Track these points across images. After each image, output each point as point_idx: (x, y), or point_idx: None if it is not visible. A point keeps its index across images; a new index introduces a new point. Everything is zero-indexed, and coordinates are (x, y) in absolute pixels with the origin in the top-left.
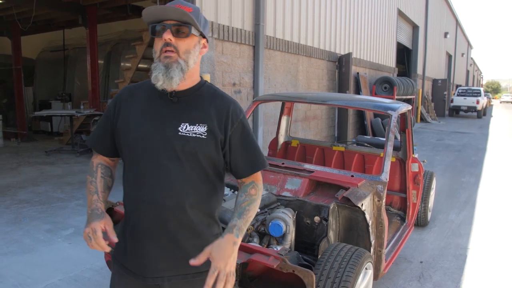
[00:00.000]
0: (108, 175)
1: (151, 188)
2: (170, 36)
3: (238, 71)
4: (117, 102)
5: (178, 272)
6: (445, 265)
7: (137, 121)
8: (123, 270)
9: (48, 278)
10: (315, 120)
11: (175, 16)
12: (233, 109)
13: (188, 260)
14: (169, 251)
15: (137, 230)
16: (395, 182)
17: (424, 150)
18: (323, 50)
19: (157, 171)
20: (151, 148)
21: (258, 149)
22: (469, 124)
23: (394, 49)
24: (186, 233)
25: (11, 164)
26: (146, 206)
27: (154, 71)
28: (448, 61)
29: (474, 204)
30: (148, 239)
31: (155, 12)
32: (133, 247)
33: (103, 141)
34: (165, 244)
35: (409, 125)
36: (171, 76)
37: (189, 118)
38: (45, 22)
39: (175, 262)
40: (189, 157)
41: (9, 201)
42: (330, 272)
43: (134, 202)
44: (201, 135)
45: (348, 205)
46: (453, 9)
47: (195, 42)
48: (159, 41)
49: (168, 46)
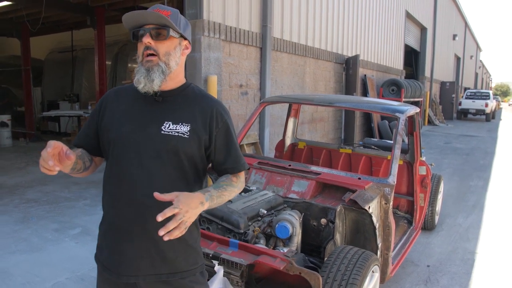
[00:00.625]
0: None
1: (131, 186)
2: (149, 39)
3: (245, 72)
4: (102, 103)
5: (154, 271)
6: (453, 269)
7: (121, 120)
8: (101, 268)
9: (56, 276)
10: (321, 122)
11: (152, 19)
12: (218, 109)
13: (164, 259)
14: (146, 250)
15: (115, 227)
16: (402, 185)
17: (432, 153)
18: (330, 52)
19: (138, 169)
20: (133, 146)
21: (239, 151)
22: (477, 127)
23: (401, 51)
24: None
25: (20, 163)
26: (125, 204)
27: (136, 75)
28: (457, 64)
29: (482, 208)
30: (125, 237)
31: (134, 18)
32: (110, 245)
33: (87, 139)
34: (142, 243)
35: (416, 128)
36: (152, 78)
37: (172, 117)
38: (53, 23)
39: (151, 262)
40: (170, 156)
41: (17, 200)
42: (337, 274)
43: (113, 199)
44: (184, 134)
45: (355, 207)
46: (462, 11)
47: (175, 44)
48: (141, 45)
49: (148, 50)
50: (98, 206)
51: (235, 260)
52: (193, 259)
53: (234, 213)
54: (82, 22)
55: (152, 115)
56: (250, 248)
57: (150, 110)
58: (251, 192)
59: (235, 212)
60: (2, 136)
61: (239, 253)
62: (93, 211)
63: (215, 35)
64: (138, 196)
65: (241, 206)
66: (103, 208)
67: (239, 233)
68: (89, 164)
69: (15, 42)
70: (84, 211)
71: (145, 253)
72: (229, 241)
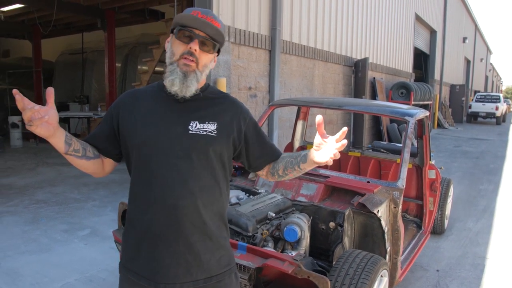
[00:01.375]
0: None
1: (163, 189)
2: (197, 47)
3: (254, 75)
4: (118, 107)
5: (191, 278)
6: (462, 274)
7: (145, 123)
8: (134, 277)
9: (64, 277)
10: (330, 125)
11: (209, 31)
12: (241, 106)
13: (200, 264)
14: (182, 256)
15: (151, 234)
16: (411, 189)
17: (441, 157)
18: (339, 55)
19: (169, 171)
20: (161, 148)
21: (270, 140)
22: (487, 130)
23: (411, 54)
24: (199, 235)
25: (30, 164)
26: (159, 208)
27: (170, 75)
28: (467, 67)
29: (492, 212)
30: (161, 243)
31: (192, 20)
32: (145, 251)
33: (98, 140)
34: (178, 248)
35: (426, 131)
36: (187, 85)
37: (198, 117)
38: (64, 25)
39: (188, 267)
40: (200, 155)
41: (27, 200)
42: (345, 278)
43: (145, 204)
44: (212, 132)
45: (364, 211)
46: (472, 14)
47: (212, 57)
48: (181, 45)
49: (190, 55)
50: (107, 207)
51: (244, 263)
52: (226, 260)
53: (243, 216)
54: (92, 24)
55: (176, 116)
56: (259, 251)
57: (173, 110)
58: (260, 195)
59: (243, 215)
60: (12, 137)
61: (247, 256)
62: (101, 212)
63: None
64: (172, 199)
65: (249, 209)
66: (132, 215)
67: (248, 236)
68: (91, 155)
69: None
70: (93, 212)
71: (181, 259)
72: (238, 244)
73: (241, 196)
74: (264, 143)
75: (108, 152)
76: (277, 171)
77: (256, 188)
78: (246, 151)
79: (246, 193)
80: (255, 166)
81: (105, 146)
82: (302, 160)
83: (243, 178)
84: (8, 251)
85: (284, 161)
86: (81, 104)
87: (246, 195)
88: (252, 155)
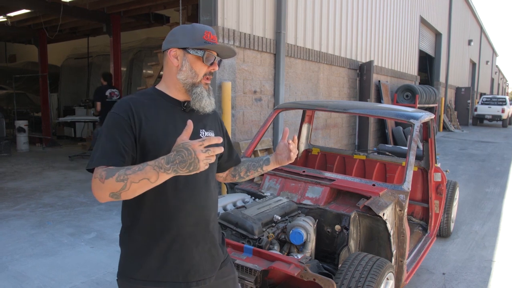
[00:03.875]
0: None
1: (193, 191)
2: (217, 68)
3: (259, 79)
4: (131, 116)
5: (216, 270)
6: (469, 277)
7: (166, 130)
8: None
9: (71, 280)
10: (335, 128)
11: (227, 55)
12: (218, 114)
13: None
14: (208, 251)
15: (179, 237)
16: (417, 192)
17: (447, 160)
18: (344, 58)
19: (193, 177)
20: None
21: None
22: (493, 133)
23: (416, 56)
24: (216, 230)
25: (36, 168)
26: (189, 210)
27: (202, 97)
28: (472, 69)
29: (499, 215)
30: (190, 243)
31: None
32: (174, 256)
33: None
34: (206, 245)
35: (431, 134)
36: (211, 102)
37: (202, 125)
38: (70, 30)
39: (212, 261)
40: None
41: (34, 204)
42: (351, 281)
43: (172, 209)
44: None
45: (370, 214)
46: (477, 16)
47: None
48: (204, 67)
49: (211, 75)
50: (113, 211)
51: (249, 266)
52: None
53: (249, 219)
54: (98, 29)
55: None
56: (264, 254)
57: (183, 118)
58: (266, 198)
59: (249, 218)
60: (19, 141)
61: (253, 259)
62: (107, 216)
63: (230, 42)
64: (201, 200)
65: (255, 212)
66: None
67: (254, 239)
68: None
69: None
70: (99, 216)
71: (207, 254)
72: (244, 247)
73: (247, 199)
74: (232, 148)
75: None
76: (239, 173)
77: (261, 191)
78: (220, 155)
79: (251, 196)
80: (222, 168)
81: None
82: (265, 163)
83: (249, 182)
84: (15, 254)
85: (245, 165)
86: (86, 108)
87: (251, 198)
88: (222, 159)
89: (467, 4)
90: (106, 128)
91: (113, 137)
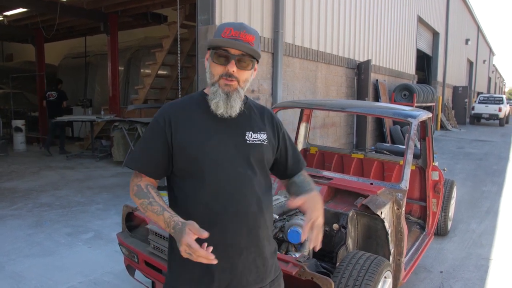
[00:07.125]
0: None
1: (233, 197)
2: (234, 68)
3: (257, 78)
4: (168, 119)
5: (262, 283)
6: (466, 275)
7: (202, 135)
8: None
9: (69, 280)
10: (333, 127)
11: (244, 49)
12: (275, 116)
13: (267, 268)
14: (253, 262)
15: (221, 245)
16: (414, 191)
17: (445, 158)
18: (342, 57)
19: (236, 181)
20: (224, 160)
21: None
22: (490, 132)
23: (414, 56)
24: (265, 239)
25: (33, 168)
26: (231, 218)
27: (214, 98)
28: (469, 68)
29: (496, 214)
30: (233, 252)
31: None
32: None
33: (155, 164)
34: (250, 255)
35: (429, 133)
36: (231, 105)
37: (250, 127)
38: (67, 29)
39: (258, 273)
40: (258, 163)
41: (31, 204)
42: (349, 280)
43: (215, 215)
44: (264, 141)
45: (367, 213)
46: (474, 16)
47: (253, 70)
48: (219, 67)
49: (229, 77)
50: (111, 211)
51: None
52: (277, 263)
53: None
54: (95, 28)
55: (231, 127)
56: None
57: (226, 122)
58: None
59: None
60: (16, 141)
61: None
62: (105, 216)
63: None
64: (243, 206)
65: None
66: None
67: None
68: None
69: (30, 48)
70: (96, 216)
71: (252, 265)
72: None
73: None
74: (293, 154)
75: (163, 174)
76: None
77: None
78: (280, 159)
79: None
80: (282, 174)
81: (163, 168)
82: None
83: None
84: (12, 255)
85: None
86: (84, 107)
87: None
88: (282, 164)
89: (464, 3)
90: (145, 130)
91: (145, 140)
